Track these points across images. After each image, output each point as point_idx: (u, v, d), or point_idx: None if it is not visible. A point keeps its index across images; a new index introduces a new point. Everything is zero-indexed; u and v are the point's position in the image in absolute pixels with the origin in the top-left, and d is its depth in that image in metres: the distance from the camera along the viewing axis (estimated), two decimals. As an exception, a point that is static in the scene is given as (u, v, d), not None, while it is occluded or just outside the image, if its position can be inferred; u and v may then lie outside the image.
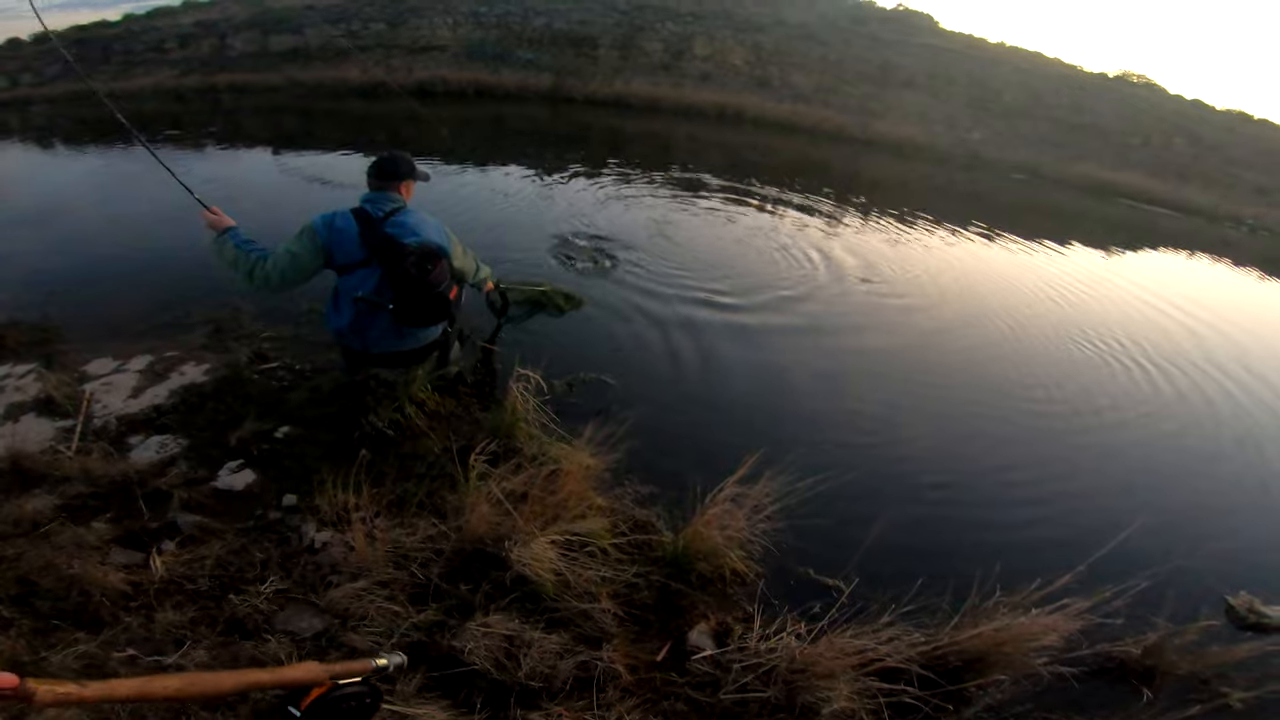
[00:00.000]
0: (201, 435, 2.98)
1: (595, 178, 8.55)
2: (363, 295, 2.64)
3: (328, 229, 2.63)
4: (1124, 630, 2.20)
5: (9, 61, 17.05)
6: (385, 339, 2.84)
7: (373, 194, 2.74)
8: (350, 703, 0.95)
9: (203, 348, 3.83)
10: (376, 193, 2.74)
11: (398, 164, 2.76)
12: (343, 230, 2.63)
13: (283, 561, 2.19)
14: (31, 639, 1.86)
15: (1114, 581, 2.14)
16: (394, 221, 2.67)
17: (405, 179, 2.78)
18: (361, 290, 2.65)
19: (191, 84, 15.74)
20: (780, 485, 2.44)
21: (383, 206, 2.69)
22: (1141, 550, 2.55)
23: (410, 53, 16.34)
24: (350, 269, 2.67)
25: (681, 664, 1.93)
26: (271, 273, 2.57)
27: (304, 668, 0.93)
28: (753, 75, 16.59)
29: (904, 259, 6.65)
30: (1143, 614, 2.28)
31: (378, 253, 2.61)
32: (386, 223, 2.65)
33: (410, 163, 2.81)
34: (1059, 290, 6.42)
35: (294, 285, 2.68)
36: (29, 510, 2.34)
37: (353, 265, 2.66)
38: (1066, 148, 15.26)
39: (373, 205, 2.69)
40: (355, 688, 0.95)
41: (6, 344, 3.80)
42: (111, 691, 0.72)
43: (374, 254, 2.62)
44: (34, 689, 0.63)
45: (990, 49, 18.47)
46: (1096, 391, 4.50)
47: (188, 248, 5.45)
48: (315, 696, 0.92)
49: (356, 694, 0.95)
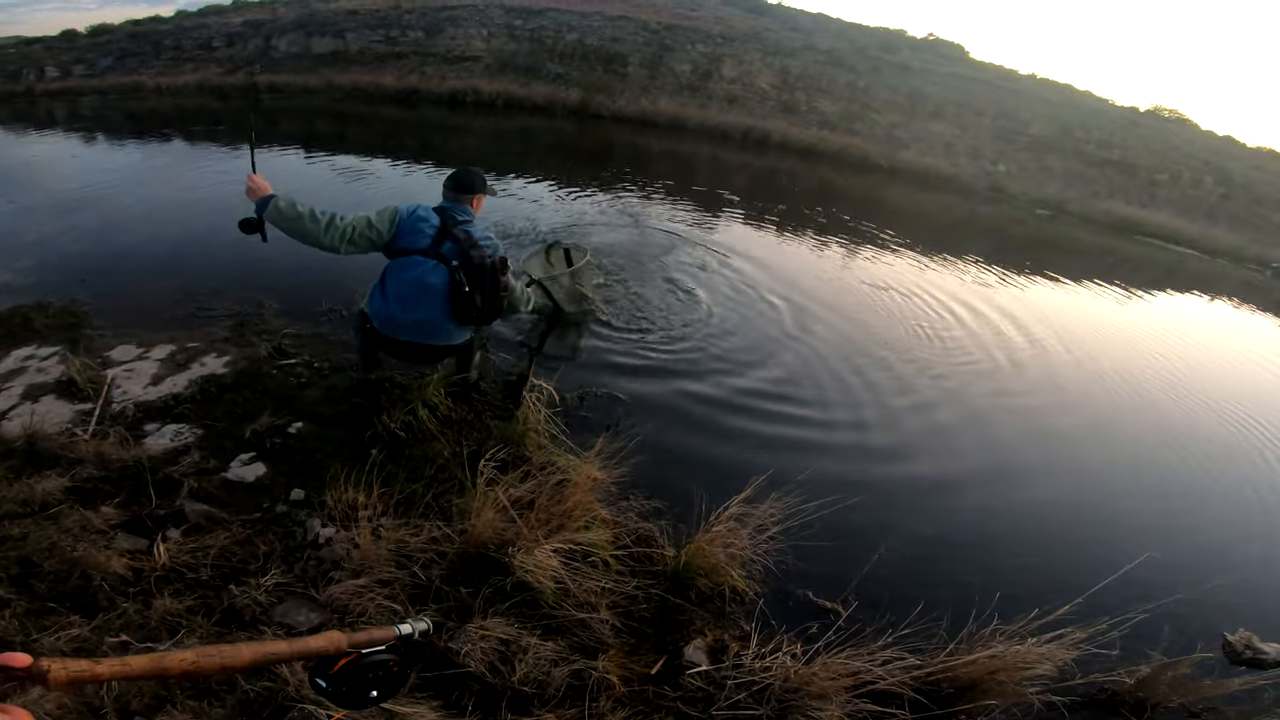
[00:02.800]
0: (217, 426, 3.04)
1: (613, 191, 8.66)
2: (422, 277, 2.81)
3: (411, 214, 2.84)
4: (1119, 662, 2.18)
5: (63, 53, 17.68)
6: (419, 325, 2.94)
7: (448, 203, 2.95)
8: (378, 670, 0.94)
9: (225, 340, 3.92)
10: (452, 203, 2.95)
11: (474, 178, 2.99)
12: (425, 219, 2.84)
13: (286, 555, 2.22)
14: (25, 620, 1.89)
15: (1113, 614, 2.13)
16: (466, 228, 2.88)
17: (479, 193, 2.99)
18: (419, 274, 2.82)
19: (235, 82, 16.25)
20: (785, 507, 2.44)
21: (458, 216, 2.90)
22: (1146, 584, 2.53)
23: (445, 61, 16.71)
24: (408, 253, 2.83)
25: (675, 678, 1.93)
26: (345, 229, 2.71)
27: (325, 637, 0.91)
28: (779, 99, 16.71)
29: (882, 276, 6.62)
30: (1139, 646, 2.26)
31: (447, 248, 2.82)
32: (460, 225, 2.88)
33: (483, 178, 3.03)
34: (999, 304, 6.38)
35: (355, 247, 2.79)
36: (39, 491, 2.39)
37: (412, 250, 2.83)
38: (1094, 183, 15.15)
39: (451, 211, 2.91)
40: (381, 655, 0.94)
41: (34, 326, 3.91)
42: (126, 668, 0.71)
43: (441, 246, 2.82)
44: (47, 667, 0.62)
45: (1020, 80, 18.48)
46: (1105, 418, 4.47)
47: (218, 240, 5.61)
48: (342, 665, 0.92)
49: (382, 662, 0.94)
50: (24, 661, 0.60)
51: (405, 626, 1.01)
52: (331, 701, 0.94)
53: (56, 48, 18.10)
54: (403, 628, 1.00)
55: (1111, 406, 4.79)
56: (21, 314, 4.02)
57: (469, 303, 2.84)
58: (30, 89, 15.81)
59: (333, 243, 2.72)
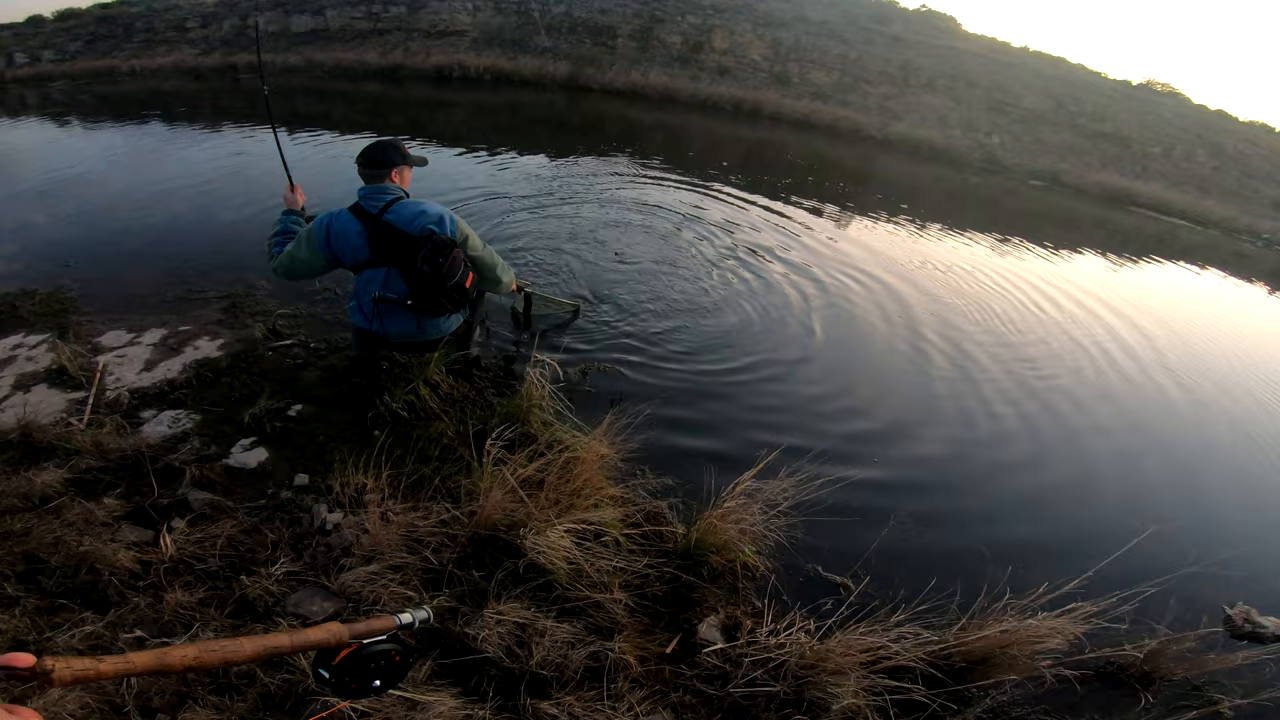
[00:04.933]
0: (214, 411, 2.99)
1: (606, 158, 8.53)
2: (380, 295, 2.63)
3: (325, 233, 2.58)
4: (1127, 636, 2.20)
5: (31, 38, 17.16)
6: (406, 331, 2.85)
7: (368, 187, 2.63)
8: (380, 660, 0.96)
9: (218, 323, 3.85)
10: (371, 185, 2.63)
11: (388, 151, 2.62)
12: (343, 232, 2.57)
13: (294, 543, 2.19)
14: (36, 618, 1.85)
15: (1123, 587, 2.14)
16: (393, 211, 2.58)
17: (397, 165, 2.65)
18: (376, 289, 2.64)
19: (211, 63, 15.81)
20: (796, 482, 2.43)
21: (379, 199, 2.59)
22: (1154, 557, 2.56)
23: (429, 36, 16.31)
24: (361, 268, 2.66)
25: (691, 656, 1.93)
26: (278, 269, 2.67)
27: (325, 629, 0.92)
28: (771, 71, 16.46)
29: (867, 246, 6.59)
30: (1147, 620, 2.29)
31: (386, 249, 2.58)
32: (385, 214, 2.57)
33: (401, 149, 2.67)
34: (1056, 291, 6.35)
35: (305, 279, 2.78)
36: (38, 484, 2.33)
37: (362, 265, 2.64)
38: (1087, 155, 15.10)
39: (369, 200, 2.60)
40: (382, 645, 0.96)
41: (20, 313, 3.82)
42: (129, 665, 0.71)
43: (382, 251, 2.58)
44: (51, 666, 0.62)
45: (1012, 53, 18.24)
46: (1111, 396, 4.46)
47: (202, 223, 5.50)
48: (343, 656, 0.93)
49: (384, 651, 0.96)
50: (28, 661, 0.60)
51: (405, 616, 1.02)
52: (335, 693, 0.96)
53: (24, 34, 17.58)
54: (403, 617, 1.01)
55: (1118, 377, 4.80)
56: (7, 301, 3.92)
57: (435, 302, 2.63)
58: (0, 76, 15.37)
59: (280, 278, 2.75)
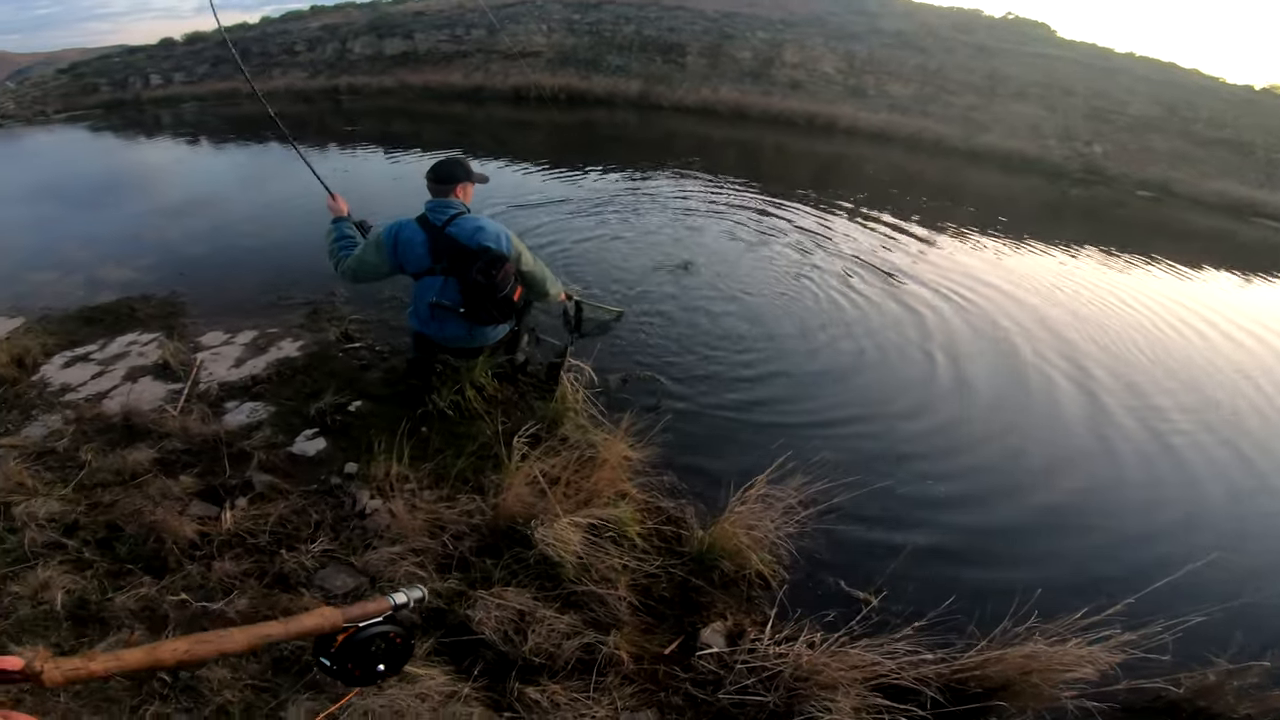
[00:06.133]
0: (287, 404, 3.32)
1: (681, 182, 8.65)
2: (436, 300, 2.85)
3: (394, 240, 2.82)
4: (1172, 667, 2.02)
5: (164, 60, 19.22)
6: (458, 336, 3.06)
7: (434, 201, 2.86)
8: (379, 644, 0.93)
9: (300, 326, 4.25)
10: (437, 199, 2.86)
11: (454, 168, 2.87)
12: (409, 241, 2.81)
13: (334, 524, 2.40)
14: (104, 580, 2.12)
15: (1170, 615, 1.98)
16: (455, 224, 2.81)
17: (462, 182, 2.87)
18: (434, 296, 2.87)
19: (316, 85, 17.26)
20: (815, 491, 2.42)
21: (443, 213, 2.82)
22: (1208, 585, 2.36)
23: (507, 58, 17.07)
24: (421, 275, 2.89)
25: (688, 660, 1.95)
26: (346, 271, 2.90)
27: (317, 614, 0.88)
28: (845, 84, 16.10)
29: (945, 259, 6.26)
30: (1195, 651, 2.10)
31: (446, 259, 2.81)
32: (448, 227, 2.80)
33: (466, 166, 2.92)
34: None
35: (369, 282, 2.99)
36: (130, 461, 2.70)
37: (422, 272, 2.88)
38: (1202, 163, 13.76)
39: (434, 213, 2.83)
40: (380, 627, 0.93)
41: (138, 315, 4.38)
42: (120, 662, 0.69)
43: (441, 261, 2.82)
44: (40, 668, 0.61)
45: (1115, 59, 16.96)
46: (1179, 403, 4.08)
47: (300, 238, 6.05)
48: (341, 641, 0.90)
49: (383, 634, 0.93)
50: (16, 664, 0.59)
51: (399, 596, 0.98)
52: (339, 680, 0.92)
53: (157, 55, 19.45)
54: (396, 597, 0.97)
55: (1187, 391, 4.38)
56: (128, 305, 4.51)
57: (485, 311, 2.84)
58: (138, 96, 17.36)
59: (347, 280, 2.97)
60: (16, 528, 2.34)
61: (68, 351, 3.87)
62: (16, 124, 15.09)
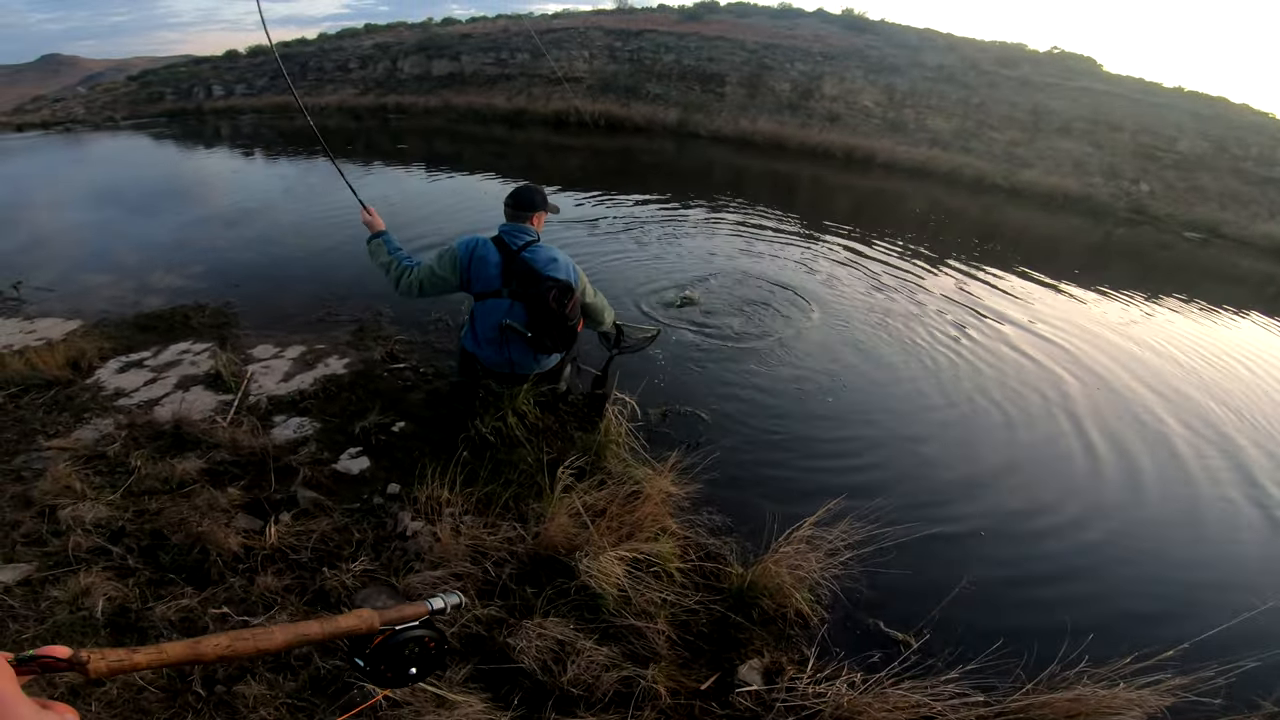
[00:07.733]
0: (332, 421, 3.35)
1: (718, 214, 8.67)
2: (509, 323, 2.88)
3: (469, 256, 2.85)
4: (1220, 711, 1.94)
5: (227, 72, 20.09)
6: (517, 362, 3.07)
7: (510, 224, 2.92)
8: (414, 648, 0.94)
9: (346, 344, 4.32)
10: (513, 224, 2.91)
11: (534, 195, 2.93)
12: (484, 259, 2.84)
13: (376, 544, 2.40)
14: (145, 589, 2.12)
15: (1225, 660, 1.91)
16: (531, 250, 2.86)
17: (539, 210, 2.94)
18: (503, 318, 2.89)
19: (367, 103, 17.87)
20: (860, 531, 2.38)
21: (519, 238, 2.87)
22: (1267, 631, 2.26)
23: (549, 83, 17.48)
24: (485, 296, 2.91)
25: (725, 696, 1.90)
26: (414, 283, 2.91)
27: (355, 615, 0.90)
28: (885, 118, 16.09)
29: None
30: (1251, 697, 2.01)
31: (515, 281, 2.83)
32: (523, 252, 2.85)
33: (544, 195, 2.98)
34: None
35: (432, 296, 3.00)
36: (179, 470, 2.72)
37: (487, 294, 2.90)
38: (1254, 204, 13.36)
39: (511, 236, 2.88)
40: (415, 631, 0.94)
41: (192, 324, 4.50)
42: (162, 655, 0.72)
43: (510, 284, 2.84)
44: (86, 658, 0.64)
45: (1163, 94, 16.66)
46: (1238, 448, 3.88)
47: (349, 254, 6.19)
48: (377, 643, 0.92)
49: (418, 638, 0.94)
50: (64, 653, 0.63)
51: (437, 601, 0.99)
52: (372, 681, 0.95)
53: (221, 67, 20.44)
54: (434, 602, 0.98)
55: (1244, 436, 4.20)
56: (182, 313, 4.63)
57: (551, 339, 2.89)
58: (200, 106, 18.19)
59: (405, 295, 2.96)
60: (61, 531, 2.38)
61: (123, 356, 3.98)
62: (85, 128, 15.92)
